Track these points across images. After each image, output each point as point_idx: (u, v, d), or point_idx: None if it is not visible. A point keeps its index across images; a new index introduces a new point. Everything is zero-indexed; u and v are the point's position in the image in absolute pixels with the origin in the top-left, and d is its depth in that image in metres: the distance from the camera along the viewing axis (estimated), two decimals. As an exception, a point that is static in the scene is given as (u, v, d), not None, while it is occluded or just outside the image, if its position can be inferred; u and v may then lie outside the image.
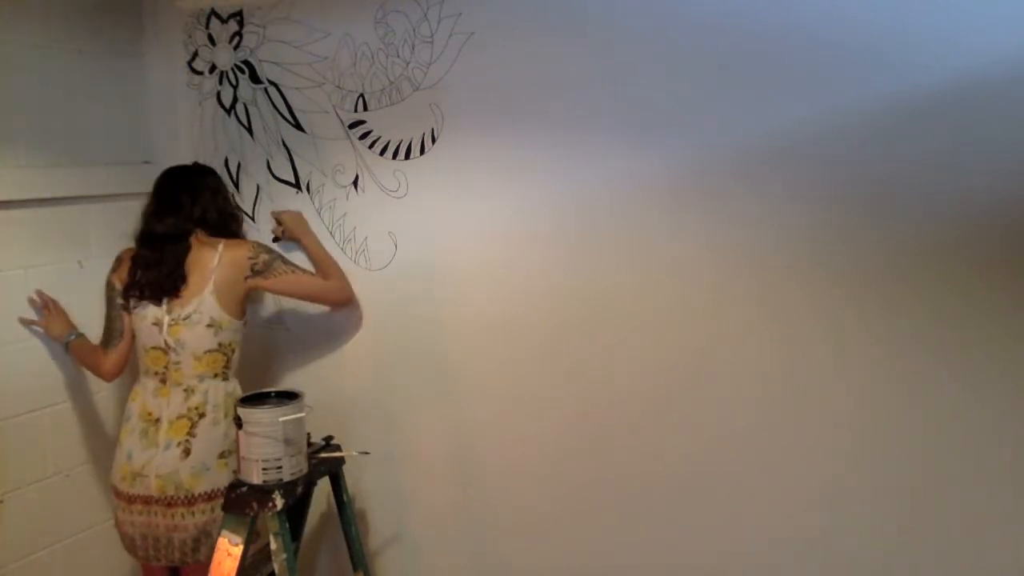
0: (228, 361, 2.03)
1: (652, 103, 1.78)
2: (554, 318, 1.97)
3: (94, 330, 2.24)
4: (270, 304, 2.39)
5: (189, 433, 1.95)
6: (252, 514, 1.88)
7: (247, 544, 1.89)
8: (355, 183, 2.18)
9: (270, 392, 1.97)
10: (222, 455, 1.99)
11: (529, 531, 2.10)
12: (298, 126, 2.25)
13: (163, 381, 2.00)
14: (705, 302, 1.80)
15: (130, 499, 1.97)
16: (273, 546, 1.88)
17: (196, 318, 1.97)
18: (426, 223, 2.10)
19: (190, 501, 1.95)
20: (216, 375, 2.01)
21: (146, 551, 2.00)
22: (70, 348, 2.11)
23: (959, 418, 1.60)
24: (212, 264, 1.99)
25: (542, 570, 2.10)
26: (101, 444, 2.30)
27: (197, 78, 2.38)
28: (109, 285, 2.07)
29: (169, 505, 1.94)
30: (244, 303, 2.06)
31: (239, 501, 1.88)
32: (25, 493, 2.12)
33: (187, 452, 1.95)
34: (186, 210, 2.03)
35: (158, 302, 1.98)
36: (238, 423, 1.88)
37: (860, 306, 1.66)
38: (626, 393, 1.91)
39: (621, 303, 1.89)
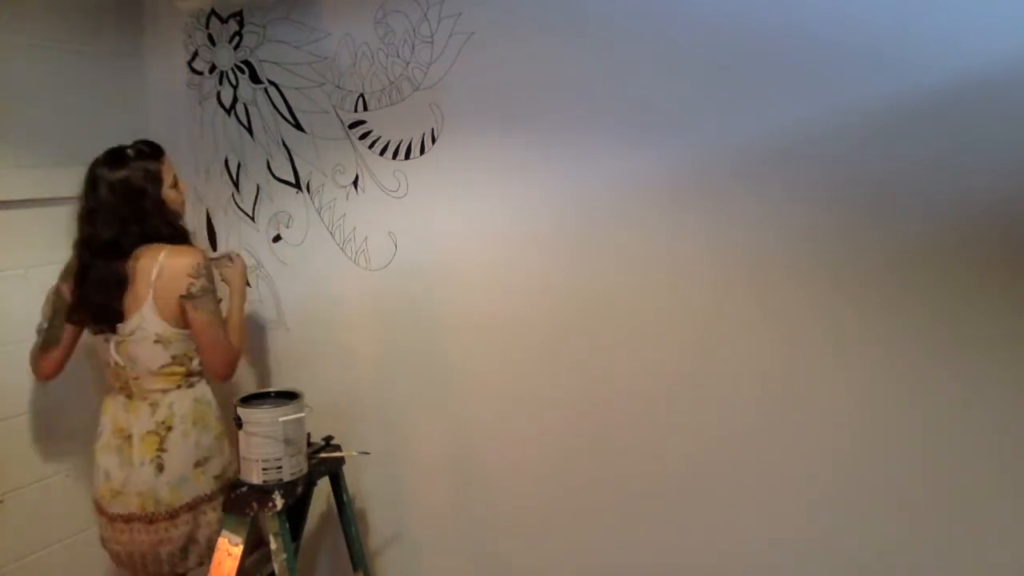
0: (188, 369, 1.94)
1: (652, 103, 1.78)
2: (554, 318, 1.97)
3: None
4: (270, 304, 2.39)
5: (159, 448, 1.89)
6: (252, 514, 1.88)
7: (247, 544, 1.89)
8: (355, 183, 2.19)
9: (270, 392, 1.97)
10: (198, 464, 1.92)
11: (529, 531, 2.10)
12: (298, 126, 2.25)
13: (128, 396, 1.94)
14: (705, 302, 1.80)
15: (112, 518, 1.93)
16: (273, 546, 1.88)
17: (140, 335, 1.88)
18: (426, 223, 2.10)
19: (172, 515, 1.90)
20: (179, 386, 1.94)
21: (134, 566, 1.96)
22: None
23: (959, 418, 1.60)
24: (151, 276, 1.86)
25: (542, 570, 2.10)
26: (101, 444, 2.29)
27: (197, 78, 2.38)
28: (58, 293, 1.97)
29: (151, 522, 1.89)
30: (185, 315, 1.91)
31: (239, 501, 1.88)
32: (25, 493, 2.12)
33: (160, 468, 1.89)
34: (128, 224, 1.87)
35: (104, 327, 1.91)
36: (238, 423, 1.88)
37: (860, 306, 1.66)
38: (626, 393, 1.91)
39: (621, 303, 1.89)
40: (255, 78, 2.28)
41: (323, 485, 2.15)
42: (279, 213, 2.32)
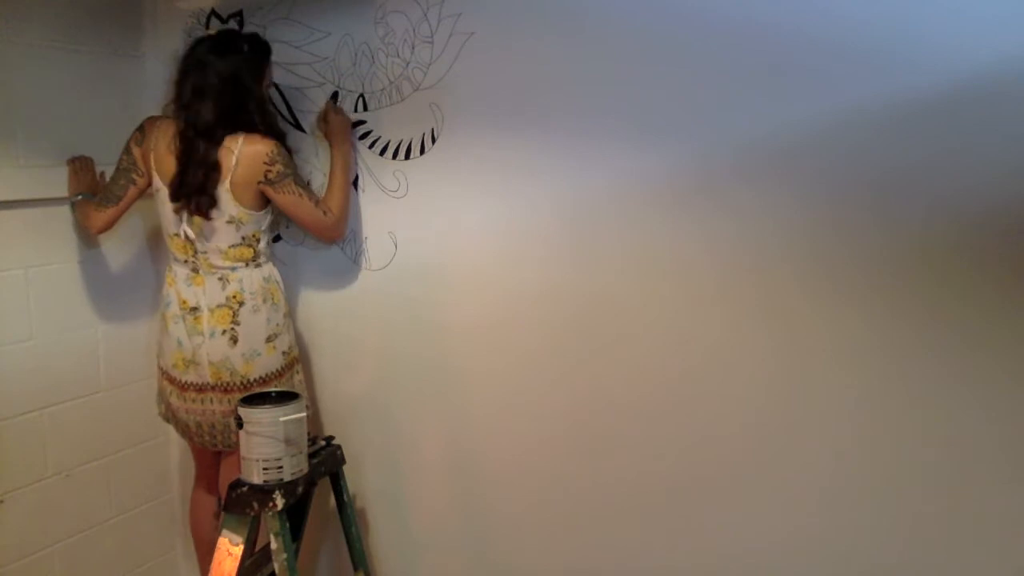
0: (256, 250, 2.02)
1: (652, 103, 1.78)
2: (554, 318, 1.97)
3: (103, 329, 2.25)
4: (270, 304, 2.39)
5: (233, 321, 1.97)
6: (253, 514, 1.88)
7: (248, 544, 1.89)
8: (355, 183, 2.18)
9: (270, 392, 1.97)
10: (269, 339, 2.01)
11: (529, 531, 2.10)
12: (298, 126, 2.25)
13: (195, 270, 2.00)
14: (705, 302, 1.80)
15: (183, 386, 2.01)
16: (273, 546, 1.88)
17: (215, 214, 1.94)
18: (426, 223, 2.10)
19: (245, 387, 1.98)
20: (248, 264, 2.01)
21: (201, 438, 2.04)
22: (74, 206, 2.15)
23: (959, 418, 1.60)
24: (231, 162, 1.92)
25: (542, 570, 2.10)
26: (101, 444, 2.30)
27: (197, 78, 2.38)
28: (128, 153, 2.03)
29: (225, 391, 1.98)
30: (262, 197, 1.99)
31: (239, 501, 1.88)
32: (25, 493, 2.12)
33: (235, 340, 1.97)
34: (228, 112, 1.92)
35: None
36: (238, 423, 1.88)
37: (861, 306, 1.66)
38: (626, 393, 1.91)
39: (622, 303, 1.89)
40: (255, 78, 2.28)
41: (323, 485, 2.15)
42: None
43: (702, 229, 1.78)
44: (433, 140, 2.05)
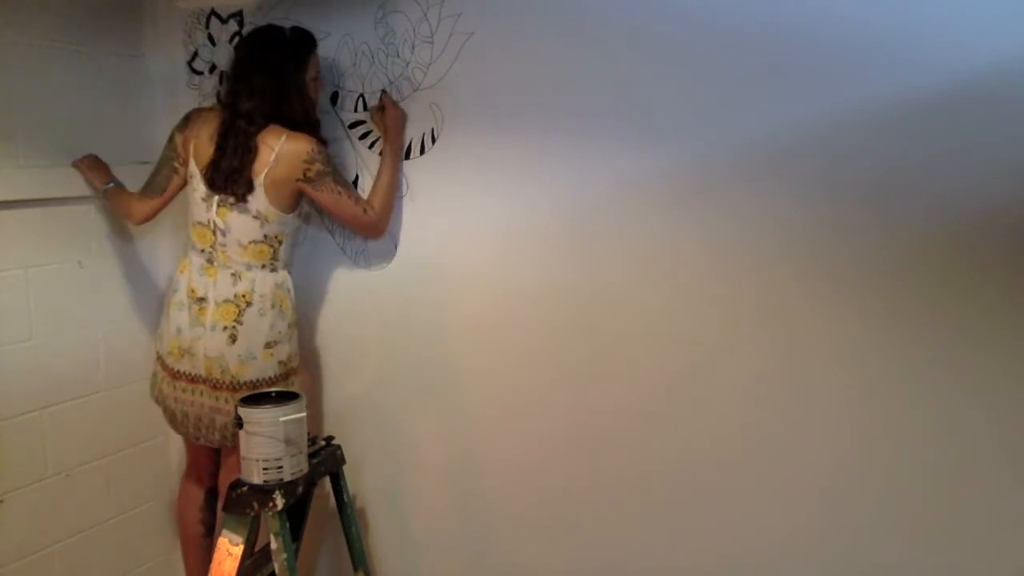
0: (275, 252, 2.01)
1: (652, 103, 1.78)
2: (554, 318, 1.97)
3: (103, 329, 2.25)
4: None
5: (236, 319, 1.96)
6: (252, 514, 1.88)
7: (247, 544, 1.89)
8: (355, 183, 2.18)
9: (271, 392, 1.97)
10: (268, 345, 1.99)
11: (529, 531, 2.10)
12: (298, 126, 2.24)
13: (210, 261, 2.00)
14: (705, 302, 1.80)
15: (175, 374, 2.00)
16: (273, 546, 1.88)
17: (242, 207, 1.94)
18: (426, 223, 2.10)
19: (235, 387, 1.97)
20: (264, 265, 1.99)
21: (187, 428, 2.04)
22: (107, 195, 2.16)
23: (959, 418, 1.60)
24: (269, 157, 1.92)
25: (542, 570, 2.10)
26: (101, 444, 2.30)
27: (197, 78, 2.38)
28: (171, 141, 2.06)
29: (215, 387, 1.97)
30: (295, 199, 2.00)
31: (239, 501, 1.88)
32: (25, 493, 2.12)
33: (233, 339, 1.96)
34: (271, 103, 1.93)
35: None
36: (238, 423, 1.88)
37: (861, 306, 1.66)
38: (627, 393, 1.91)
39: (622, 303, 1.89)
40: (255, 78, 2.28)
41: (323, 485, 2.15)
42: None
43: (702, 229, 1.78)
44: (433, 140, 2.05)
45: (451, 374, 2.14)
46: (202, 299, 1.99)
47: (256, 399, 1.93)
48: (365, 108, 2.13)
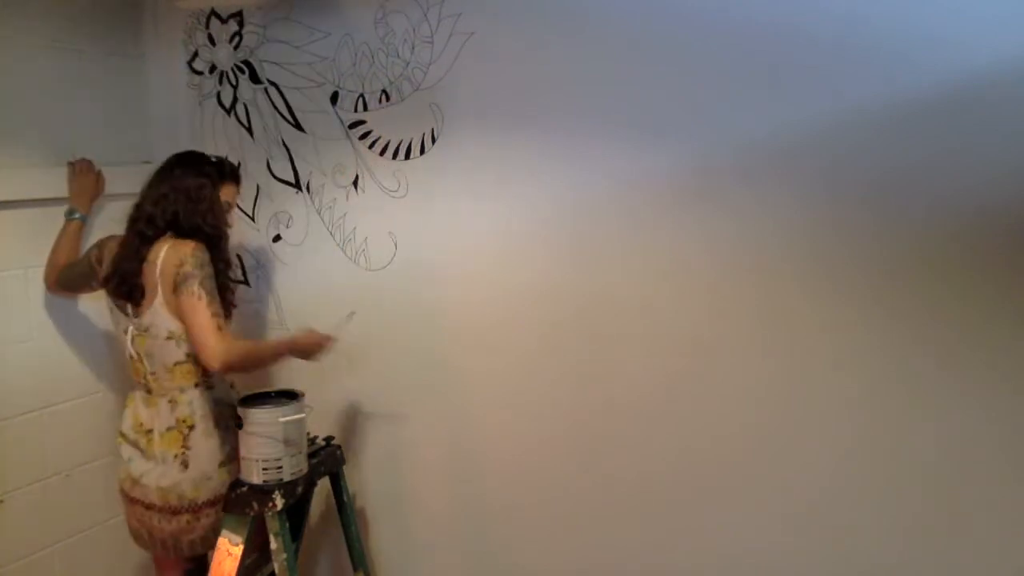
0: (204, 370, 1.90)
1: (653, 103, 1.78)
2: (554, 318, 1.97)
3: (103, 329, 2.24)
4: (270, 304, 2.39)
5: (183, 446, 1.90)
6: (252, 514, 1.88)
7: (247, 544, 1.89)
8: (355, 183, 2.18)
9: (270, 392, 1.97)
10: (222, 463, 1.94)
11: (529, 531, 2.10)
12: (298, 126, 2.25)
13: (148, 391, 1.94)
14: (705, 302, 1.80)
15: (132, 500, 1.96)
16: (273, 546, 1.88)
17: (154, 331, 1.87)
18: (426, 223, 2.10)
19: (194, 509, 1.92)
20: (196, 385, 1.92)
21: (154, 547, 1.99)
22: (66, 222, 2.11)
23: (959, 417, 1.60)
24: (156, 271, 1.85)
25: (542, 570, 2.10)
26: (101, 444, 2.29)
27: (197, 78, 2.38)
28: (86, 254, 2.02)
29: (174, 513, 1.92)
30: None
31: (239, 501, 1.88)
32: (25, 493, 2.12)
33: (185, 465, 1.90)
34: (170, 208, 1.89)
35: (124, 306, 1.92)
36: (238, 423, 1.88)
37: (861, 306, 1.66)
38: (626, 393, 1.91)
39: (621, 303, 1.89)
40: (255, 78, 2.28)
41: (323, 485, 2.15)
42: (279, 213, 2.32)
43: (702, 229, 1.78)
44: (433, 140, 2.05)
45: (451, 374, 2.14)
46: (149, 431, 1.93)
47: (256, 399, 1.93)
48: (365, 108, 2.13)
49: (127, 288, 1.89)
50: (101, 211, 2.25)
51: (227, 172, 2.02)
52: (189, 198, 1.91)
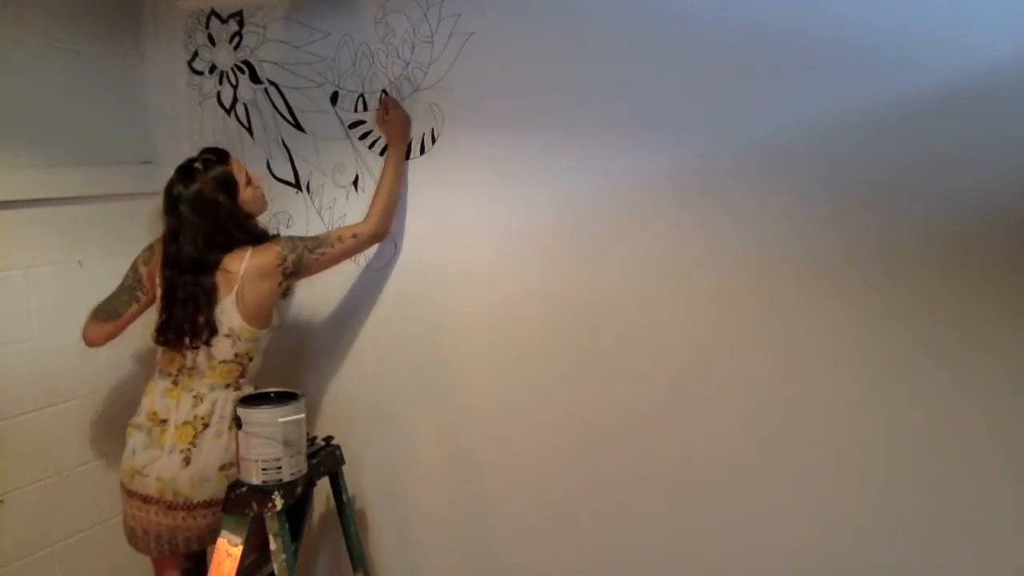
0: (243, 371, 1.97)
1: (652, 103, 1.78)
2: (554, 318, 1.97)
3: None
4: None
5: (191, 442, 1.92)
6: (252, 514, 1.88)
7: (247, 544, 1.89)
8: (355, 183, 2.18)
9: (270, 392, 1.96)
10: (223, 467, 1.95)
11: (529, 531, 2.10)
12: (298, 126, 2.25)
13: (175, 383, 1.96)
14: (705, 302, 1.80)
15: (130, 494, 1.97)
16: (273, 546, 1.88)
17: (217, 326, 1.91)
18: (426, 223, 2.10)
19: (190, 507, 1.93)
20: (228, 385, 1.96)
21: (147, 544, 1.99)
22: None
23: (959, 418, 1.60)
24: (237, 275, 1.90)
25: (542, 570, 2.10)
26: (101, 444, 2.30)
27: (197, 78, 2.38)
28: (134, 269, 2.03)
29: (170, 507, 1.93)
30: (271, 311, 1.98)
31: (239, 501, 1.88)
32: (25, 493, 2.12)
33: (187, 461, 1.92)
34: (209, 238, 1.89)
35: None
36: (238, 423, 1.88)
37: (861, 306, 1.66)
38: (626, 393, 1.91)
39: (622, 303, 1.89)
40: (255, 78, 2.28)
41: (323, 485, 2.14)
42: (279, 213, 2.32)
43: (702, 229, 1.78)
44: (433, 140, 2.05)
45: (451, 374, 2.14)
46: (164, 421, 1.94)
47: (255, 399, 1.92)
48: (365, 108, 2.13)
49: (197, 331, 1.89)
50: (102, 211, 2.26)
51: (223, 159, 1.96)
52: (220, 224, 1.91)
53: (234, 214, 1.93)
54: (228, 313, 1.91)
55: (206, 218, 1.89)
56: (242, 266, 1.90)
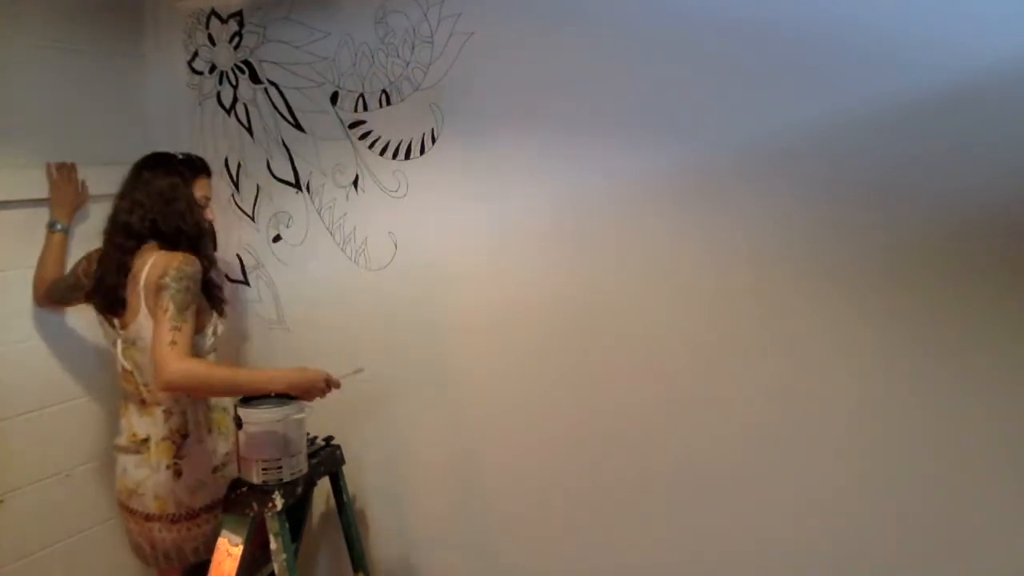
0: None
1: (653, 103, 1.78)
2: (554, 318, 1.97)
3: (100, 329, 2.24)
4: (270, 304, 2.39)
5: (176, 455, 1.91)
6: (252, 514, 1.88)
7: (247, 544, 1.89)
8: (355, 183, 2.18)
9: (270, 393, 1.96)
10: (215, 469, 1.95)
11: (529, 531, 2.10)
12: (298, 126, 2.25)
13: (142, 402, 1.93)
14: (705, 302, 1.80)
15: (131, 511, 1.96)
16: (273, 546, 1.88)
17: (141, 344, 1.86)
18: (426, 223, 2.10)
19: (192, 515, 1.93)
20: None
21: (158, 560, 1.98)
22: (48, 235, 2.09)
23: (959, 418, 1.60)
24: (140, 281, 1.82)
25: (542, 570, 2.10)
26: (101, 444, 2.30)
27: (197, 78, 2.38)
28: (73, 271, 2.03)
29: (172, 521, 1.92)
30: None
31: (239, 501, 1.88)
32: (25, 493, 2.12)
33: (179, 473, 1.91)
34: (150, 216, 1.87)
35: (111, 319, 1.91)
36: (238, 423, 1.88)
37: (861, 306, 1.66)
38: (627, 393, 1.91)
39: (622, 303, 1.89)
40: (255, 78, 2.28)
41: (323, 485, 2.15)
42: (279, 213, 2.32)
43: (702, 229, 1.78)
44: (433, 140, 2.05)
45: (451, 374, 2.14)
46: (145, 440, 1.93)
47: (256, 399, 1.92)
48: (365, 108, 2.13)
49: (110, 302, 1.88)
50: (103, 213, 2.26)
51: (198, 167, 2.01)
52: (164, 200, 1.90)
53: (189, 207, 1.92)
54: (146, 328, 1.81)
55: (159, 201, 1.89)
56: (146, 267, 1.83)
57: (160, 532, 1.93)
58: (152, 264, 1.83)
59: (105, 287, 1.88)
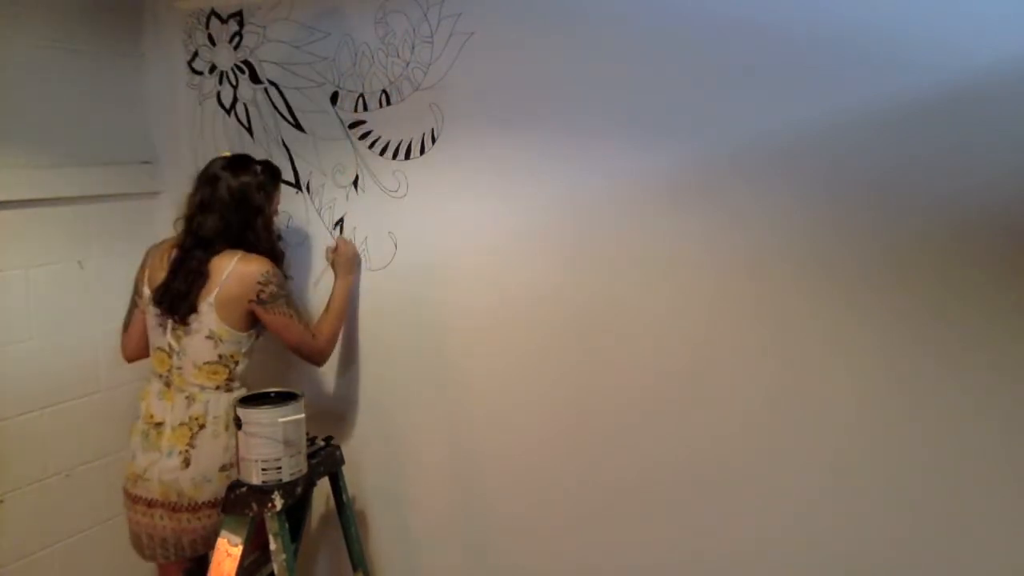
0: (231, 373, 1.97)
1: (653, 103, 1.78)
2: (554, 318, 1.97)
3: (103, 329, 2.25)
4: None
5: (189, 443, 1.92)
6: (252, 514, 1.88)
7: (247, 544, 1.89)
8: (355, 183, 2.18)
9: (270, 392, 1.96)
10: (223, 468, 1.95)
11: (529, 531, 2.10)
12: (298, 126, 2.25)
13: (168, 384, 1.97)
14: (705, 303, 1.80)
15: (134, 499, 1.97)
16: (273, 546, 1.88)
17: (196, 327, 1.92)
18: (426, 223, 2.10)
19: (194, 508, 1.93)
20: (218, 387, 1.95)
21: (153, 550, 1.98)
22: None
23: (958, 418, 1.60)
24: (222, 276, 1.91)
25: (542, 570, 2.10)
26: (101, 444, 2.30)
27: (197, 78, 2.38)
28: (135, 284, 2.06)
29: (174, 510, 1.93)
30: (248, 318, 1.96)
31: (238, 501, 1.88)
32: (25, 493, 2.12)
33: (187, 463, 1.92)
34: (232, 227, 1.94)
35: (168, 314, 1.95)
36: (237, 423, 1.88)
37: (860, 307, 1.66)
38: (627, 393, 1.91)
39: (621, 304, 1.89)
40: (255, 78, 2.28)
41: (323, 485, 2.14)
42: (279, 213, 2.32)
43: (702, 229, 1.78)
44: (433, 140, 2.05)
45: (451, 374, 2.14)
46: (160, 424, 1.95)
47: (255, 399, 1.93)
48: (365, 108, 2.13)
49: (176, 306, 1.92)
50: (102, 211, 2.26)
51: (277, 175, 2.08)
52: (250, 221, 1.96)
53: (267, 220, 2.01)
54: (207, 315, 1.91)
55: (239, 210, 1.94)
56: (228, 268, 1.91)
57: (161, 519, 1.94)
58: (233, 272, 1.91)
59: (176, 293, 1.92)
